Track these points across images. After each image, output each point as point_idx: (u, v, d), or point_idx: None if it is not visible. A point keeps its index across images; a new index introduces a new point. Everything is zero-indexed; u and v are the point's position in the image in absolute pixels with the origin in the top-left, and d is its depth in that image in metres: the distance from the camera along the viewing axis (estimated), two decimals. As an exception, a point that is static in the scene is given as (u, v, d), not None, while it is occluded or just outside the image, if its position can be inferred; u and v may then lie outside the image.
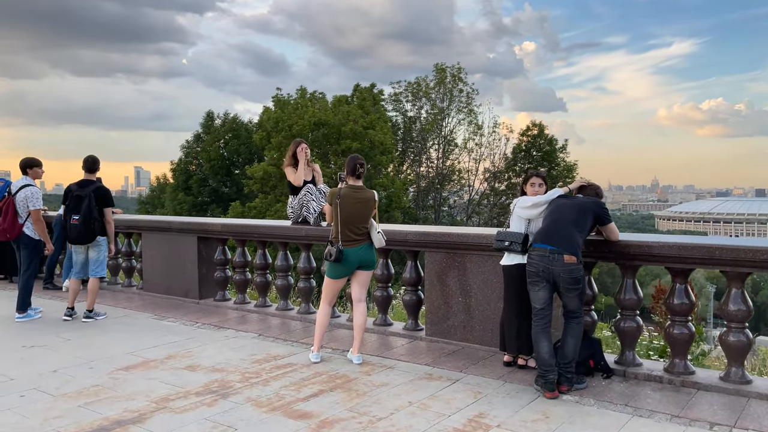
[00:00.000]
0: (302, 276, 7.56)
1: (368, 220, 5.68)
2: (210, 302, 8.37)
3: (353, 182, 5.69)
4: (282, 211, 30.25)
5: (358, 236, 5.60)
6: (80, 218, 7.15)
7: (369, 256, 5.69)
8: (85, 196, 7.21)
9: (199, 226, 8.36)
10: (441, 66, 41.24)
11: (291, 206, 7.41)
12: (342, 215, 5.55)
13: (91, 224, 7.21)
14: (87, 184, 7.36)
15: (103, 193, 7.38)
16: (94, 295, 7.54)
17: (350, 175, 5.68)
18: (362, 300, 5.81)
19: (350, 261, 5.59)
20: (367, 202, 5.64)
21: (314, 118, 30.61)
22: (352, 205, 5.56)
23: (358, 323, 5.71)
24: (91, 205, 7.20)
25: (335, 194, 5.60)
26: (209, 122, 45.12)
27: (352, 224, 5.58)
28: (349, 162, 5.73)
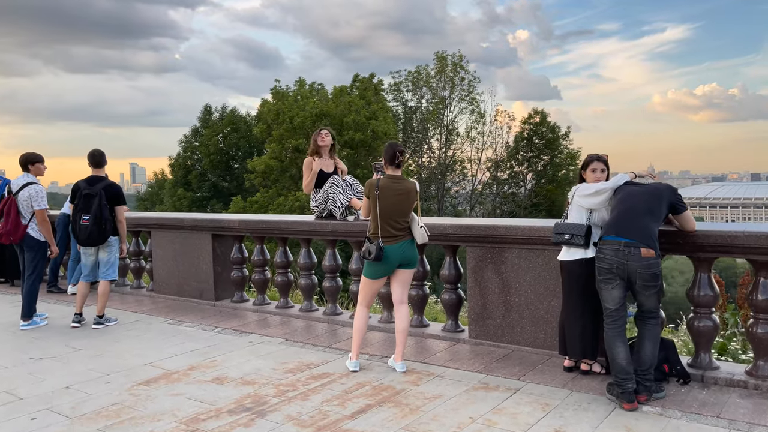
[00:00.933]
0: (327, 274, 7.05)
1: (409, 214, 5.18)
2: (227, 304, 7.85)
3: (392, 172, 5.17)
4: (285, 205, 29.73)
5: (399, 231, 5.09)
6: (91, 218, 6.62)
7: (411, 253, 5.19)
8: (95, 194, 6.68)
9: (214, 223, 7.82)
10: (442, 54, 40.67)
11: (315, 200, 6.88)
12: (381, 209, 5.04)
13: (103, 225, 6.69)
14: (96, 181, 6.82)
15: (114, 191, 6.85)
16: (105, 299, 7.02)
17: (389, 164, 5.16)
18: (404, 302, 5.30)
19: (391, 259, 5.09)
20: (408, 193, 5.12)
21: (315, 109, 30.00)
22: (392, 197, 5.04)
23: (401, 327, 5.20)
24: (102, 204, 6.67)
25: (373, 186, 5.09)
26: (207, 116, 44.38)
27: (392, 218, 5.06)
28: (387, 149, 5.20)
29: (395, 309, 5.29)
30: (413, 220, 5.19)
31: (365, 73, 38.02)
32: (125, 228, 6.98)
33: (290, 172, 31.32)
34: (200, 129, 43.93)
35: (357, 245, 6.73)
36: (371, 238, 5.12)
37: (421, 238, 5.17)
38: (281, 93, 38.55)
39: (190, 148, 43.72)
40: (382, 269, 5.15)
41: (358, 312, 5.29)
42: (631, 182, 4.56)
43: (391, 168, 5.17)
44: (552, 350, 5.27)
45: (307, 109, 30.37)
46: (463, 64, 40.42)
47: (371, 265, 5.16)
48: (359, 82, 38.14)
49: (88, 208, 6.66)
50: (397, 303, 5.28)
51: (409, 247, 5.17)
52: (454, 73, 40.41)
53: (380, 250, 5.03)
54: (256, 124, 34.33)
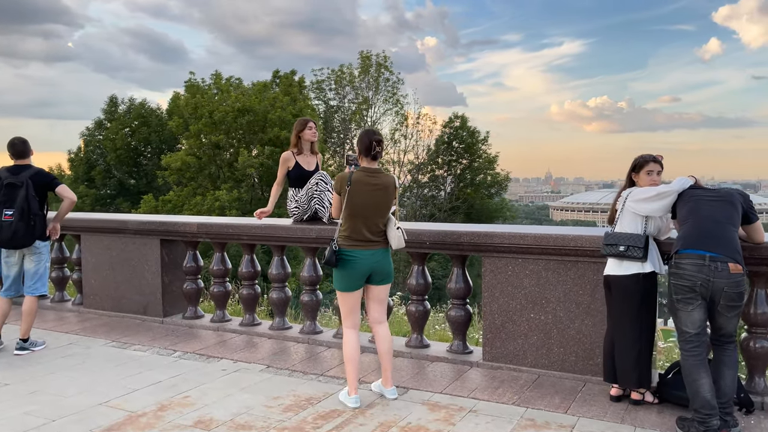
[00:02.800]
0: (307, 287, 6.15)
1: (387, 214, 4.38)
2: (178, 321, 6.74)
3: (368, 164, 4.37)
4: (203, 205, 27.98)
5: (374, 236, 4.30)
6: (16, 212, 5.40)
7: (386, 263, 4.40)
8: (20, 183, 5.44)
9: (165, 226, 6.69)
10: (366, 54, 40.02)
11: (295, 200, 5.96)
12: (353, 206, 4.23)
13: (31, 221, 5.47)
14: (21, 170, 5.57)
15: (45, 179, 5.65)
16: (31, 318, 5.76)
17: (364, 154, 4.35)
18: (383, 321, 4.53)
19: (359, 267, 4.26)
20: (386, 188, 4.34)
21: (238, 104, 28.44)
22: (366, 194, 4.25)
23: (384, 349, 4.43)
24: (30, 195, 5.46)
25: (345, 179, 4.27)
26: (113, 108, 41.22)
27: (366, 218, 4.27)
28: (362, 138, 4.38)
29: (374, 330, 4.53)
30: (389, 221, 4.39)
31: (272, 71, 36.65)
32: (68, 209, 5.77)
33: (209, 169, 29.57)
34: (105, 122, 40.76)
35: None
36: (339, 243, 4.30)
37: (396, 242, 4.36)
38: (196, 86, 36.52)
39: (93, 142, 40.42)
40: (352, 278, 4.31)
41: (345, 337, 4.42)
42: (695, 186, 4.06)
43: (367, 160, 4.37)
44: (584, 374, 4.70)
45: (228, 104, 28.74)
46: (387, 65, 39.95)
47: (337, 273, 4.33)
48: (279, 79, 36.76)
49: (11, 200, 5.42)
50: (375, 323, 4.51)
51: (384, 257, 4.38)
52: (378, 74, 39.85)
53: (334, 253, 4.22)
54: (171, 118, 32.12)
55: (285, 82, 32.45)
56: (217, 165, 29.62)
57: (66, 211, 5.81)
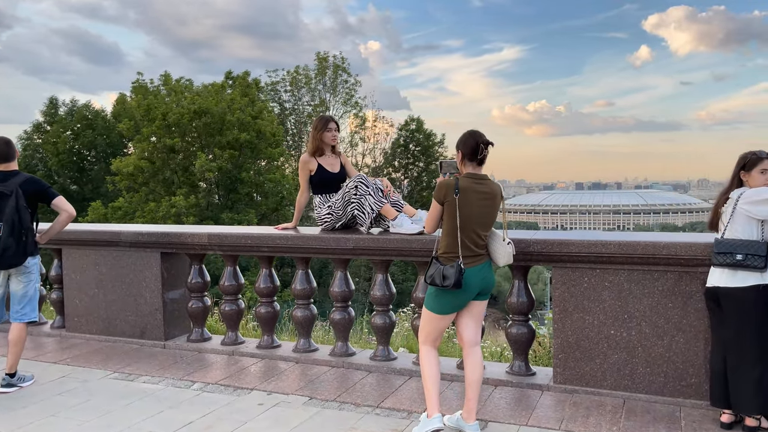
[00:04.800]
0: (338, 304, 5.49)
1: (491, 225, 3.92)
2: (183, 344, 5.95)
3: (473, 169, 3.85)
4: (158, 212, 26.57)
5: (479, 249, 3.82)
6: (5, 227, 4.57)
7: (491, 279, 3.92)
8: (9, 193, 4.61)
9: (168, 238, 5.88)
10: (323, 55, 39.26)
11: (326, 206, 5.31)
12: (463, 218, 3.71)
13: (23, 236, 4.65)
14: (8, 177, 4.73)
15: (37, 187, 4.85)
16: (19, 349, 4.91)
17: (468, 159, 3.83)
18: (477, 342, 3.98)
19: (471, 286, 3.77)
20: (494, 197, 3.86)
21: (193, 105, 27.17)
22: (475, 204, 3.75)
23: (474, 377, 3.87)
24: (21, 207, 4.62)
25: (451, 187, 3.74)
26: (52, 110, 38.96)
27: (474, 232, 3.77)
28: (467, 140, 3.84)
29: (466, 352, 3.97)
30: (494, 235, 3.93)
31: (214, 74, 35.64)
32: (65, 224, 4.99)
33: (163, 174, 28.14)
34: (44, 125, 38.46)
35: (383, 266, 5.28)
36: (443, 258, 3.78)
37: (506, 258, 3.90)
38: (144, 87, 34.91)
39: (32, 146, 38.07)
40: (458, 300, 3.82)
41: (423, 354, 3.94)
42: None
43: (472, 165, 3.85)
44: (675, 397, 4.25)
45: (184, 105, 27.43)
46: (345, 66, 39.28)
47: (442, 296, 3.81)
48: (233, 80, 35.53)
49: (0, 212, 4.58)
50: (469, 344, 3.95)
51: (489, 272, 3.91)
52: (336, 76, 39.14)
53: (461, 273, 3.68)
54: (121, 121, 30.47)
55: (242, 84, 31.29)
56: (171, 169, 28.22)
57: (62, 226, 5.05)
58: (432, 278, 3.76)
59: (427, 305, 3.89)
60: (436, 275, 3.74)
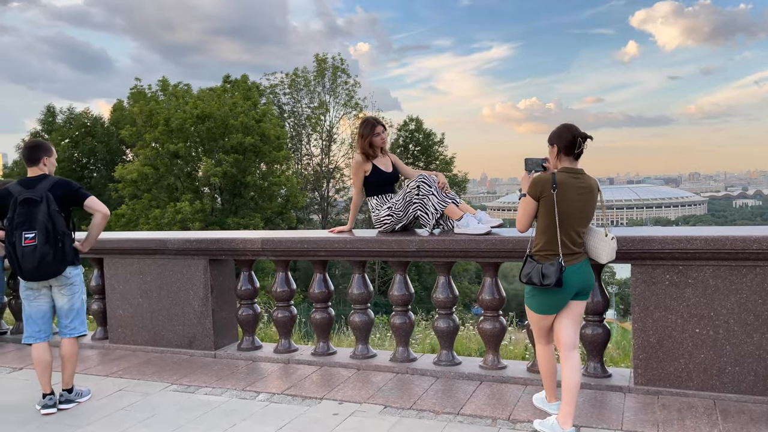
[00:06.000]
0: (398, 308, 5.34)
1: (590, 221, 3.83)
2: (233, 353, 5.79)
3: (570, 164, 3.74)
4: (163, 218, 26.31)
5: (578, 247, 3.75)
6: (39, 234, 4.31)
7: (591, 277, 3.87)
8: (39, 198, 4.35)
9: (219, 245, 5.71)
10: (322, 57, 39.05)
11: (386, 207, 5.16)
12: (561, 214, 3.61)
13: (59, 242, 4.39)
14: (36, 182, 4.47)
15: (67, 189, 4.54)
16: (73, 364, 4.73)
17: (564, 153, 3.73)
18: (576, 346, 3.87)
19: (570, 285, 3.69)
20: (593, 192, 3.76)
21: (196, 110, 26.93)
22: (574, 199, 3.65)
23: (572, 382, 3.76)
24: (53, 211, 4.37)
25: (548, 182, 3.63)
26: (50, 118, 38.59)
27: (573, 228, 3.68)
28: (562, 133, 3.74)
29: (563, 356, 3.85)
30: (592, 231, 3.84)
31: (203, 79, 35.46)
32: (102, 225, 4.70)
33: (167, 180, 27.88)
34: (42, 133, 38.08)
35: (445, 268, 5.13)
36: (538, 256, 3.68)
37: (609, 254, 3.84)
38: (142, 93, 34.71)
39: (31, 155, 37.65)
40: (557, 300, 3.75)
41: (539, 351, 4.01)
42: None
43: (569, 159, 3.75)
44: (766, 396, 4.13)
45: (186, 110, 27.19)
46: (344, 68, 39.09)
47: (541, 295, 3.74)
48: (230, 84, 35.31)
49: (30, 220, 4.32)
50: (567, 347, 3.84)
51: (588, 270, 3.84)
52: (335, 77, 38.94)
53: (561, 271, 3.58)
54: (123, 127, 30.19)
55: (243, 87, 31.07)
56: (174, 175, 27.97)
57: (100, 228, 4.73)
58: (529, 277, 3.65)
59: (528, 305, 3.85)
60: (533, 274, 3.63)
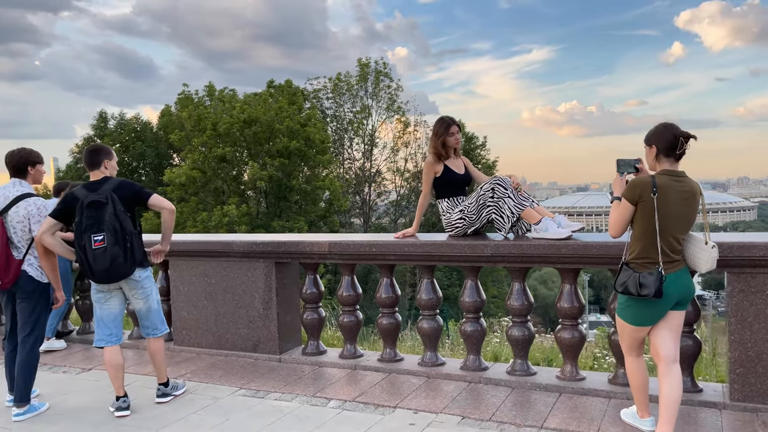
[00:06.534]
0: (469, 315, 5.17)
1: (691, 227, 3.61)
2: (298, 357, 5.71)
3: (670, 166, 3.52)
4: (210, 221, 26.70)
5: (677, 255, 3.53)
6: (108, 236, 4.26)
7: (691, 285, 3.63)
8: (105, 200, 4.31)
9: (285, 247, 5.65)
10: (365, 61, 39.12)
11: (459, 209, 5.01)
12: (662, 219, 3.39)
13: (127, 242, 4.35)
14: (100, 184, 4.45)
15: (131, 190, 4.49)
16: (161, 358, 4.80)
17: (664, 154, 3.52)
18: (676, 359, 3.64)
19: (670, 295, 3.48)
20: (695, 196, 3.52)
21: (244, 114, 27.29)
22: (676, 203, 3.43)
23: (672, 397, 3.55)
24: (119, 212, 4.32)
25: (648, 185, 3.42)
26: (102, 124, 39.74)
27: (672, 235, 3.46)
28: (662, 133, 3.53)
29: (663, 370, 3.63)
30: (692, 238, 3.61)
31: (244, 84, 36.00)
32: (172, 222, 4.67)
33: (214, 183, 28.30)
34: (95, 138, 39.23)
35: (520, 274, 4.94)
36: (634, 265, 3.47)
37: (709, 263, 3.59)
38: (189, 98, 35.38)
39: (84, 159, 38.89)
40: (656, 311, 3.53)
41: (630, 364, 3.75)
42: None
43: (669, 161, 3.53)
44: None
45: (233, 115, 27.57)
46: (387, 71, 39.05)
47: (638, 306, 3.53)
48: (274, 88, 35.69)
49: (98, 222, 4.27)
50: (667, 361, 3.62)
51: (688, 278, 3.61)
52: (377, 81, 38.94)
53: (661, 280, 3.37)
54: (172, 132, 30.82)
55: (288, 91, 31.37)
56: (221, 179, 28.39)
57: (170, 223, 4.68)
58: (625, 286, 3.44)
59: (622, 316, 3.61)
60: (630, 283, 3.42)
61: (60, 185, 6.62)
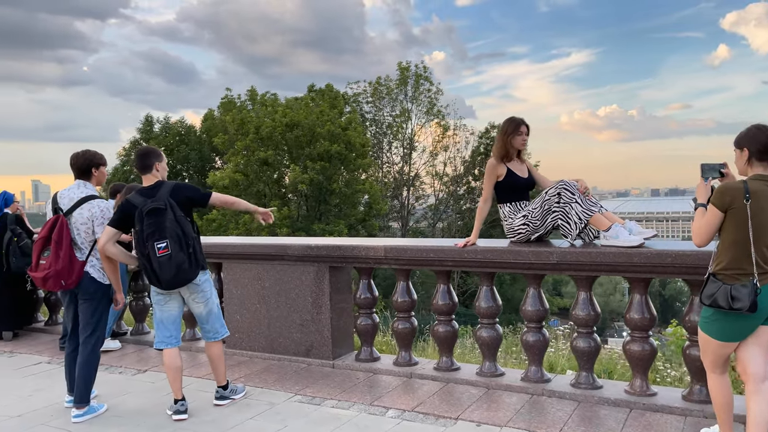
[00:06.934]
0: (532, 324, 4.98)
1: None
2: (352, 363, 5.61)
3: (765, 170, 3.30)
4: (252, 224, 26.98)
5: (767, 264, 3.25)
6: (172, 243, 4.22)
7: None
8: (164, 206, 4.27)
9: (341, 251, 5.56)
10: (405, 65, 39.09)
11: (523, 215, 4.83)
12: (755, 228, 3.18)
13: (190, 247, 4.32)
14: (154, 190, 4.40)
15: (187, 194, 4.48)
16: (221, 361, 4.77)
17: (756, 158, 3.31)
18: (766, 378, 3.40)
19: (763, 309, 3.24)
20: None
21: (286, 118, 27.51)
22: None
23: (762, 417, 3.31)
24: (179, 217, 4.29)
25: (738, 191, 3.20)
26: (148, 127, 40.66)
27: (765, 244, 3.22)
28: (755, 134, 3.34)
29: (752, 389, 3.40)
30: None
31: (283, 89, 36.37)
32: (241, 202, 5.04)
33: (256, 186, 28.61)
34: (141, 141, 40.17)
35: (587, 283, 4.74)
36: (723, 276, 3.24)
37: None
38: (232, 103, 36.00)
39: (130, 162, 39.84)
40: (746, 325, 3.30)
41: (713, 381, 3.50)
42: None
43: (762, 165, 3.31)
44: None
45: (276, 119, 27.83)
46: (427, 75, 38.94)
47: (726, 320, 3.30)
48: (314, 92, 35.95)
49: (160, 229, 4.23)
50: (757, 379, 3.38)
51: None
52: (417, 84, 38.84)
53: (756, 293, 3.14)
54: (216, 135, 31.31)
55: (329, 95, 31.53)
56: (263, 182, 28.68)
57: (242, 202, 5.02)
58: (714, 299, 3.22)
59: (706, 330, 3.37)
60: (719, 296, 3.20)
61: (116, 187, 6.69)
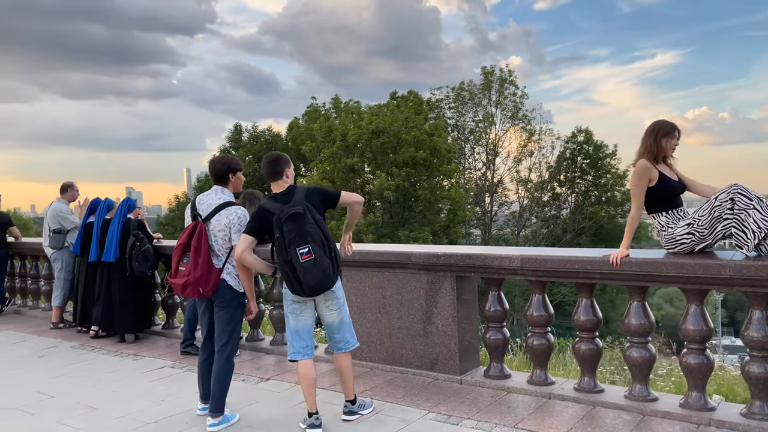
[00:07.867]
0: (692, 346, 4.45)
1: None
2: (480, 380, 5.27)
3: None
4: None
5: None
6: (316, 247, 4.04)
7: None
8: (303, 211, 4.09)
9: (470, 260, 5.24)
10: (489, 70, 38.40)
11: (687, 222, 4.34)
12: None
13: (332, 250, 4.17)
14: (290, 195, 4.26)
15: (324, 197, 4.37)
16: (351, 374, 4.56)
17: None
18: None
19: None
20: None
21: (371, 125, 27.57)
22: None
23: None
24: (318, 221, 4.14)
25: None
26: (237, 136, 42.05)
27: None
28: None
29: None
30: None
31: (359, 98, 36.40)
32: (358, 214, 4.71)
33: (342, 193, 28.85)
34: (230, 149, 41.56)
35: (763, 301, 4.19)
36: None
37: None
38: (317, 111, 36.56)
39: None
40: None
41: None
42: None
43: None
44: None
45: (362, 126, 27.96)
46: (512, 79, 38.05)
47: None
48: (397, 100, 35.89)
49: (300, 234, 4.04)
50: None
51: None
52: (501, 89, 38.05)
53: None
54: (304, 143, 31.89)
55: (414, 102, 31.40)
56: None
57: (359, 215, 4.73)
58: None
59: None
60: None
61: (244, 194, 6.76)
